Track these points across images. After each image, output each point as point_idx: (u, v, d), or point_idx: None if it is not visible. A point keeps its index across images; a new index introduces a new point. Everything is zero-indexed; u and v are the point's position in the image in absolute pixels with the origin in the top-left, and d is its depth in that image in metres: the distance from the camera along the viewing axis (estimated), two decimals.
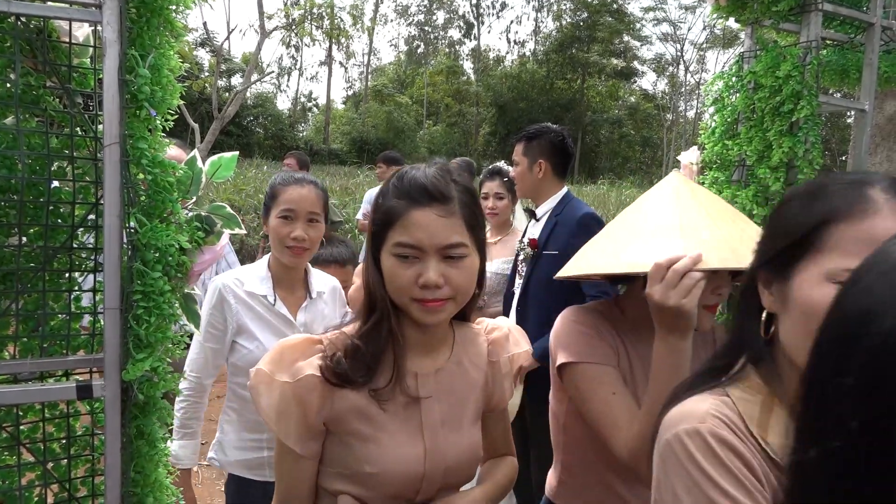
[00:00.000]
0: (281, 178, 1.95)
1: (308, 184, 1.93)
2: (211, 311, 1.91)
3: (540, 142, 2.79)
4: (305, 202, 1.89)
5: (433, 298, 1.06)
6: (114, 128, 1.12)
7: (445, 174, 1.11)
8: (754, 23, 2.01)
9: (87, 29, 1.23)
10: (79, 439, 1.28)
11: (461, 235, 1.07)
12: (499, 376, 1.26)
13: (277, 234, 1.89)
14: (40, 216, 1.17)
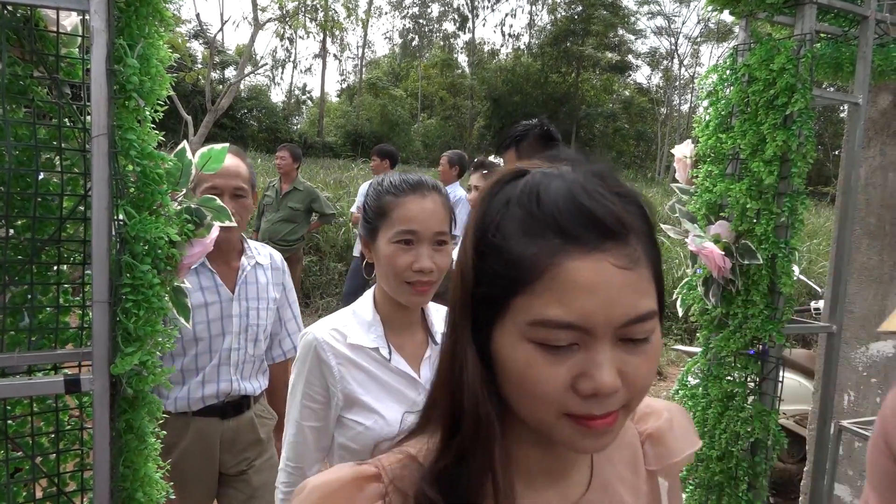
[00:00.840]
0: (392, 185, 1.42)
1: (431, 191, 1.43)
2: (307, 378, 1.43)
3: (528, 141, 2.77)
4: (433, 220, 1.40)
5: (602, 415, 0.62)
6: (102, 118, 1.10)
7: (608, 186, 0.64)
8: (748, 15, 2.00)
9: (74, 18, 1.21)
10: (68, 433, 1.27)
11: (652, 300, 0.64)
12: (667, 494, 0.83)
13: (394, 266, 1.38)
14: (28, 208, 1.16)
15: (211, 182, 1.92)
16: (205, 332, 2.06)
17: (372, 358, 1.43)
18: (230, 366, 2.11)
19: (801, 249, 2.09)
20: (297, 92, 41.94)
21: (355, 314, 1.48)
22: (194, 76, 13.92)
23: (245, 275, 2.15)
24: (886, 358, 2.85)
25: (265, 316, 2.20)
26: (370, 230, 1.44)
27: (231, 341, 2.11)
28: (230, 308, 2.10)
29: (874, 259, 2.89)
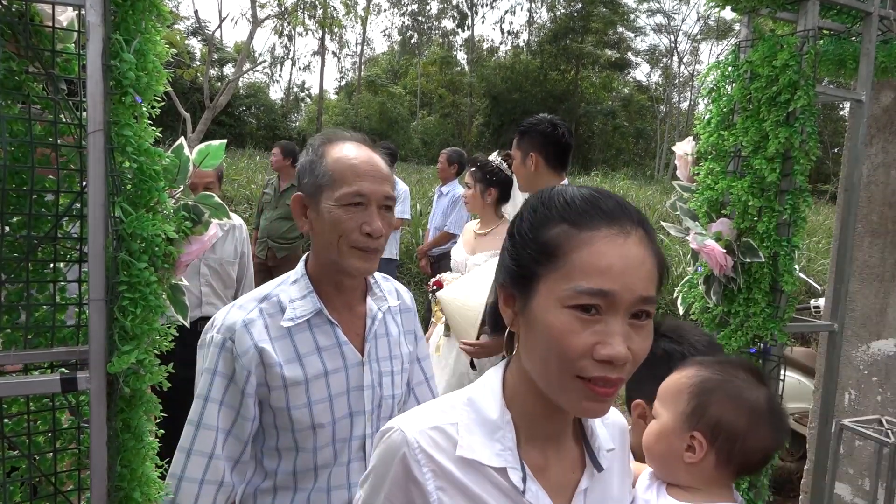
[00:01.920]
0: (572, 207, 0.91)
1: (636, 228, 0.94)
2: (386, 498, 0.92)
3: (531, 134, 2.77)
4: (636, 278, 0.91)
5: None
6: (98, 114, 1.09)
7: None
8: (751, 11, 1.99)
9: (70, 13, 1.19)
10: (64, 432, 1.26)
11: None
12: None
13: (569, 346, 0.84)
14: (23, 205, 1.14)
15: (356, 187, 1.43)
16: (327, 415, 1.45)
17: (492, 484, 0.91)
18: (365, 461, 1.50)
19: (802, 247, 2.08)
20: (295, 89, 41.89)
21: (472, 405, 0.95)
22: (192, 73, 13.89)
23: (376, 325, 1.57)
24: (887, 356, 2.85)
25: (400, 383, 1.62)
26: (521, 278, 0.89)
27: (364, 425, 1.51)
28: (360, 376, 1.51)
29: (876, 257, 2.88)
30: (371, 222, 1.42)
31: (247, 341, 1.42)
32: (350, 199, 1.42)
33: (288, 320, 1.45)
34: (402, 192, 6.58)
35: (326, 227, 1.43)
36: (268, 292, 1.50)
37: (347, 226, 1.42)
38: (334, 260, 1.45)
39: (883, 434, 2.33)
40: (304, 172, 1.50)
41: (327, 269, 1.50)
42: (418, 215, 10.61)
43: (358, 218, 1.42)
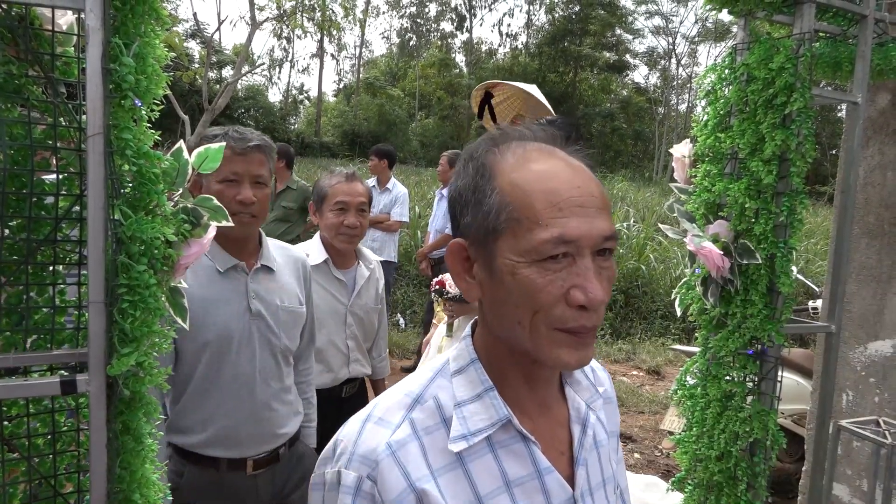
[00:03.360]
0: None
1: None
2: None
3: None
4: None
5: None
6: (97, 118, 1.10)
7: None
8: (747, 14, 2.00)
9: (70, 17, 1.20)
10: (64, 435, 1.26)
11: None
12: None
13: (538, 295, 0.84)
14: (23, 208, 1.15)
15: (559, 229, 1.03)
16: None
17: None
18: None
19: (799, 249, 2.09)
20: (294, 91, 41.90)
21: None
22: (191, 75, 13.89)
23: (588, 435, 1.01)
24: (885, 357, 2.85)
25: None
26: None
27: None
28: None
29: (873, 258, 2.88)
30: (585, 284, 0.82)
31: (397, 480, 0.83)
32: (551, 248, 0.82)
33: (459, 439, 0.87)
34: (401, 195, 6.59)
35: (510, 296, 0.85)
36: (418, 392, 0.92)
37: (548, 295, 0.83)
38: (526, 348, 0.87)
39: (880, 435, 2.34)
40: (461, 203, 0.91)
41: (511, 354, 0.92)
42: (417, 218, 10.62)
43: (565, 280, 0.83)
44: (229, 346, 1.94)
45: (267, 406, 2.02)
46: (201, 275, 1.90)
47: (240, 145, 1.87)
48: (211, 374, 1.93)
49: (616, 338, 8.15)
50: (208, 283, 1.92)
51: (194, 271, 1.85)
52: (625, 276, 9.29)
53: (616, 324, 8.60)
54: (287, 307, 2.07)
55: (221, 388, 1.95)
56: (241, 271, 1.98)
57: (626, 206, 14.55)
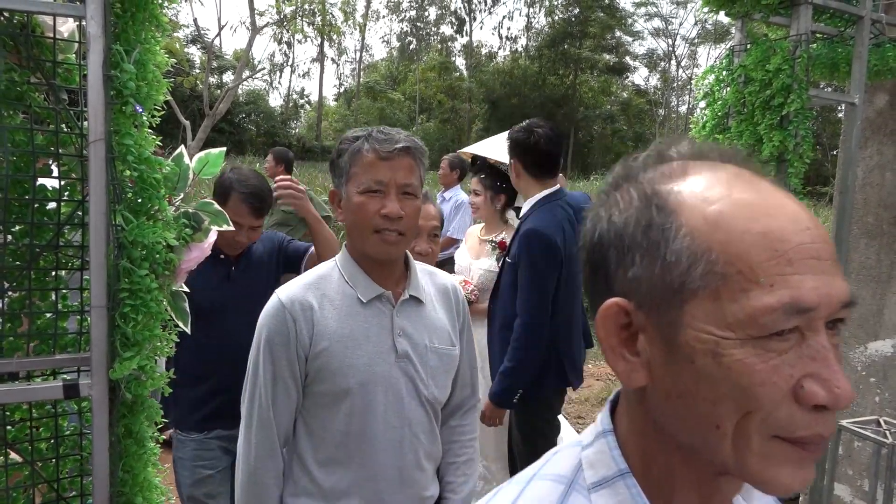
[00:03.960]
0: None
1: None
2: None
3: (511, 141, 2.75)
4: None
5: None
6: (99, 124, 1.11)
7: None
8: (744, 16, 2.01)
9: (71, 24, 1.21)
10: (67, 439, 1.27)
11: None
12: None
13: None
14: (26, 214, 1.16)
15: (782, 294, 1.02)
16: None
17: None
18: None
19: None
20: (294, 96, 41.98)
21: None
22: (192, 81, 13.92)
23: None
24: (885, 357, 2.85)
25: None
26: None
27: None
28: None
29: (872, 258, 2.89)
30: (826, 373, 0.56)
31: None
32: (780, 319, 0.55)
33: None
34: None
35: (705, 388, 0.60)
36: None
37: (771, 388, 0.57)
38: (723, 462, 0.60)
39: (881, 435, 2.34)
40: (620, 247, 0.64)
41: (687, 465, 0.67)
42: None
43: (794, 366, 0.56)
44: (374, 393, 1.57)
45: (418, 466, 1.65)
46: (341, 305, 1.55)
47: (384, 148, 1.51)
48: (353, 427, 1.56)
49: None
50: (349, 316, 1.55)
51: (332, 301, 1.53)
52: None
53: None
54: (437, 348, 1.69)
55: (366, 445, 1.58)
56: (387, 302, 1.61)
57: None
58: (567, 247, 2.62)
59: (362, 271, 1.59)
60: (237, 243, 2.37)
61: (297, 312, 1.46)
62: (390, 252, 1.55)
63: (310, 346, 1.47)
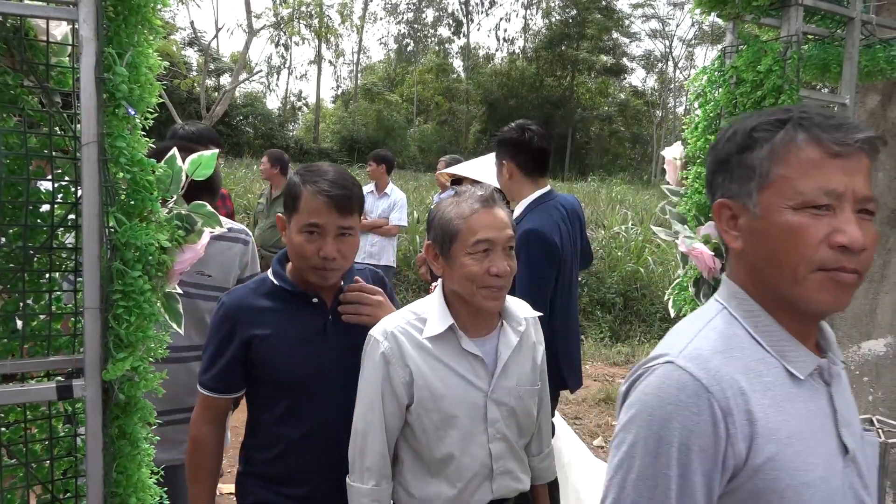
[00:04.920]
0: None
1: None
2: None
3: (502, 143, 2.75)
4: None
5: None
6: (91, 126, 1.11)
7: None
8: (736, 17, 2.02)
9: (65, 27, 1.22)
10: (61, 440, 1.28)
11: None
12: None
13: None
14: (19, 216, 1.17)
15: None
16: None
17: None
18: None
19: None
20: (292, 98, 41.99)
21: None
22: (189, 83, 13.93)
23: None
24: (878, 357, 2.87)
25: None
26: None
27: None
28: None
29: None
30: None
31: None
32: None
33: None
34: (400, 200, 6.61)
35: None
36: None
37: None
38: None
39: (874, 433, 2.35)
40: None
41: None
42: (416, 223, 10.63)
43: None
44: None
45: None
46: (772, 384, 0.98)
47: (840, 139, 0.96)
48: None
49: (615, 340, 8.16)
50: (786, 404, 0.98)
51: (762, 379, 0.98)
52: (623, 279, 9.30)
53: (615, 326, 8.61)
54: None
55: None
56: (819, 378, 1.05)
57: (625, 208, 14.57)
58: (563, 247, 2.62)
59: (789, 336, 1.02)
60: (327, 266, 1.74)
61: (727, 399, 0.92)
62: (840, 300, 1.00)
63: (747, 457, 0.93)
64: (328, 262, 1.72)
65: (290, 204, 1.77)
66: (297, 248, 1.75)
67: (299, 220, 1.73)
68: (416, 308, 1.77)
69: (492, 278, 1.61)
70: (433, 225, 1.72)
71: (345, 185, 1.75)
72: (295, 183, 1.76)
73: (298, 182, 1.75)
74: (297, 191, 1.74)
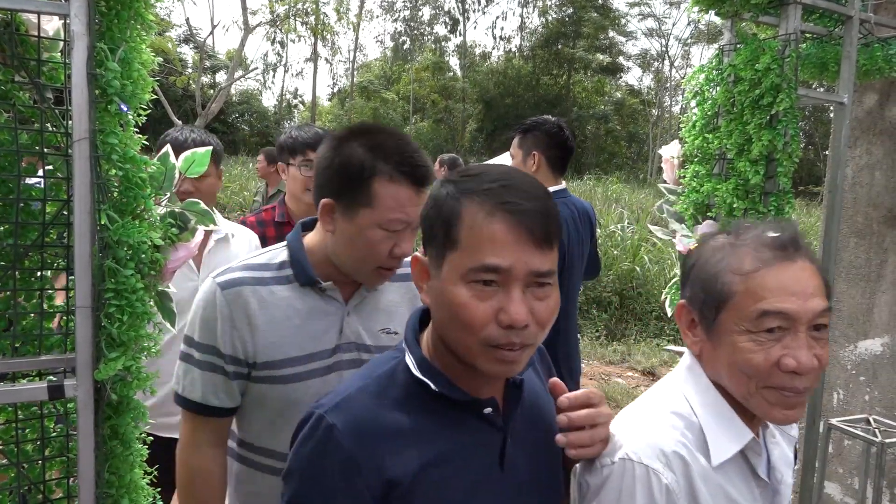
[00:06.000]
0: None
1: None
2: None
3: (535, 133, 2.75)
4: None
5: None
6: (83, 123, 1.10)
7: None
8: (734, 16, 2.01)
9: (56, 22, 1.20)
10: (53, 440, 1.26)
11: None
12: None
13: None
14: (10, 213, 1.15)
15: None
16: None
17: None
18: None
19: None
20: (288, 96, 41.87)
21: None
22: (185, 80, 13.88)
23: None
24: (875, 356, 2.87)
25: None
26: None
27: None
28: None
29: (861, 257, 2.90)
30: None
31: None
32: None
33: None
34: None
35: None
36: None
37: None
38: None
39: (871, 433, 2.35)
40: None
41: None
42: None
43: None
44: None
45: None
46: None
47: None
48: None
49: (611, 339, 8.16)
50: None
51: None
52: (619, 278, 9.30)
53: (611, 325, 8.61)
54: None
55: None
56: None
57: (621, 207, 14.58)
58: (570, 245, 2.62)
59: None
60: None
61: None
62: None
63: None
64: None
65: None
66: None
67: None
68: (675, 407, 1.13)
69: (785, 376, 1.02)
70: (691, 276, 1.14)
71: None
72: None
73: None
74: None
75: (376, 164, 1.31)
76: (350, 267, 1.40)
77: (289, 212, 2.61)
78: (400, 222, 1.32)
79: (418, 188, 1.33)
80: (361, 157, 1.31)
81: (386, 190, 1.30)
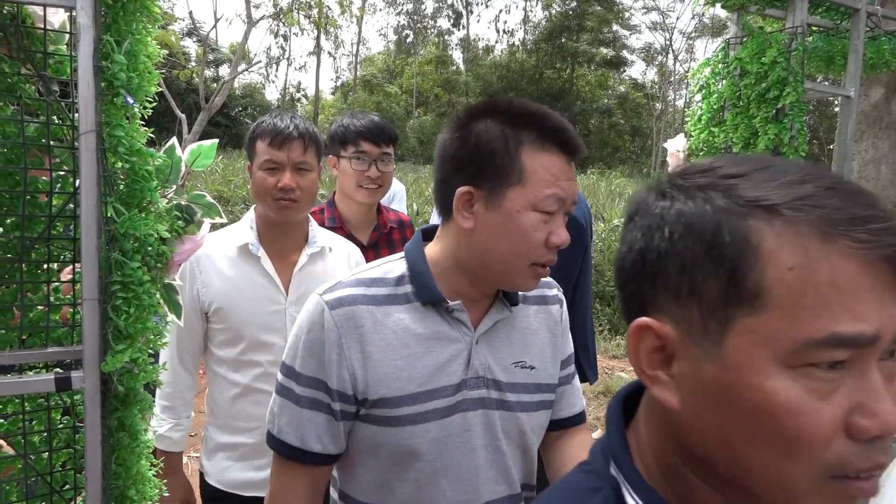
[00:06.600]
0: None
1: None
2: None
3: None
4: None
5: None
6: (89, 115, 1.10)
7: None
8: (740, 9, 2.01)
9: (62, 15, 1.20)
10: (60, 432, 1.27)
11: None
12: None
13: None
14: (16, 206, 1.15)
15: None
16: None
17: None
18: None
19: None
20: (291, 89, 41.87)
21: None
22: (188, 74, 13.87)
23: None
24: None
25: None
26: None
27: None
28: None
29: None
30: None
31: None
32: None
33: None
34: (399, 191, 6.60)
35: None
36: None
37: None
38: None
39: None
40: None
41: None
42: (415, 214, 10.62)
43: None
44: None
45: None
46: None
47: None
48: None
49: (614, 333, 8.17)
50: None
51: None
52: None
53: (614, 319, 8.61)
54: None
55: None
56: None
57: (624, 201, 14.56)
58: (587, 235, 2.62)
59: None
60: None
61: None
62: None
63: None
64: None
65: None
66: None
67: None
68: None
69: None
70: None
71: None
72: None
73: None
74: None
75: (520, 134, 1.15)
76: (498, 269, 1.17)
77: (339, 215, 2.29)
78: (555, 199, 1.13)
79: (569, 157, 1.17)
80: (500, 128, 1.16)
81: (536, 161, 1.13)
